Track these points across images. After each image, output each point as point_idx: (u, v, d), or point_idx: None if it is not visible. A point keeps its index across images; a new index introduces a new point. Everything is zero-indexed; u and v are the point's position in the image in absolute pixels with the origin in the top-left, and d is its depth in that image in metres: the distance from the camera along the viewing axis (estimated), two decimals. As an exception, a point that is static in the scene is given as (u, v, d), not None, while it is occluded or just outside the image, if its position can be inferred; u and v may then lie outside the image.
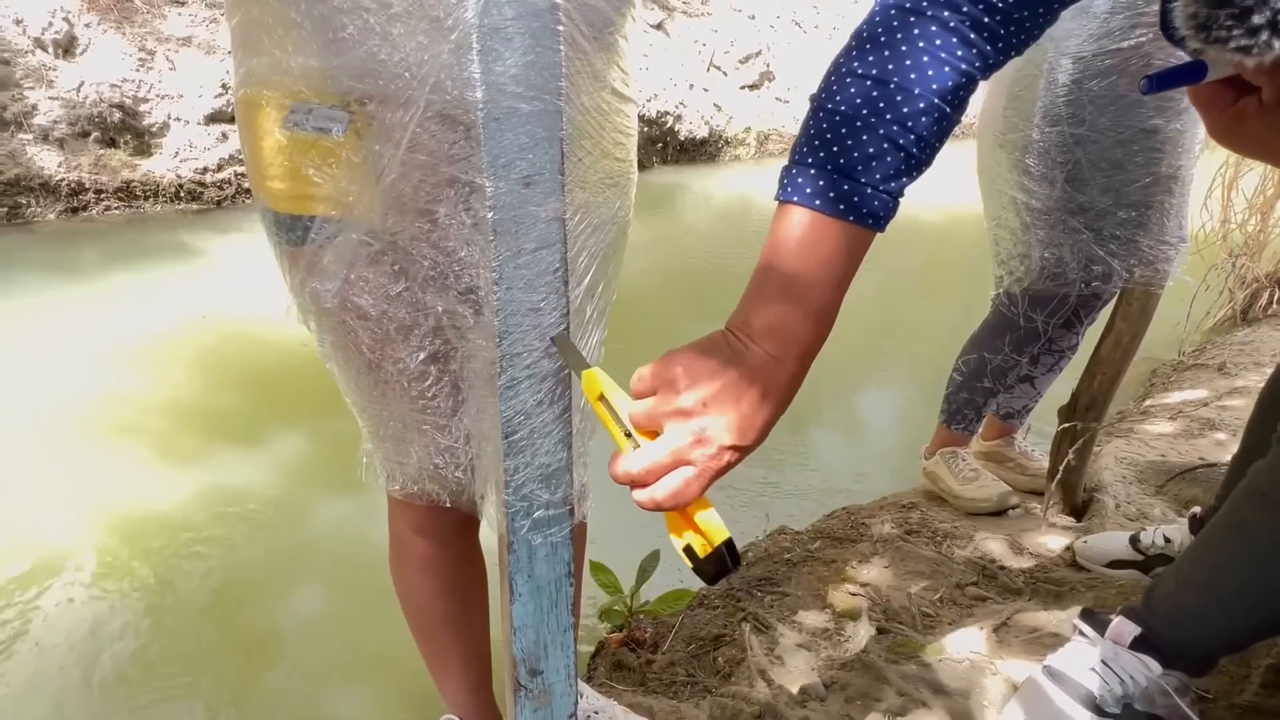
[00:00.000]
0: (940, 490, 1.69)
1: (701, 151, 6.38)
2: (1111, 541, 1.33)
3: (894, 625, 1.22)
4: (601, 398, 0.49)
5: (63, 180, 3.82)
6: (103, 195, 3.94)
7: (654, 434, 0.48)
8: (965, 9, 0.50)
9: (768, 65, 7.07)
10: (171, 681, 1.38)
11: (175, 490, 1.86)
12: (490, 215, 0.50)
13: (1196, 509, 1.24)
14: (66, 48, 4.05)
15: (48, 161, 3.81)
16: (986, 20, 0.50)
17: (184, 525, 1.76)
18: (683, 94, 6.29)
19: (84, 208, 3.89)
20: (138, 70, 4.16)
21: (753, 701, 1.06)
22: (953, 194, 2.00)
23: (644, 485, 0.46)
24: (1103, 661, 0.86)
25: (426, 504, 0.76)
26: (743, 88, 6.86)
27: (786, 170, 0.52)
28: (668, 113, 6.09)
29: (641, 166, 0.79)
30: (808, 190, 0.50)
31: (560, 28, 0.49)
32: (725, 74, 6.80)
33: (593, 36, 0.61)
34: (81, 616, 1.51)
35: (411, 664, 1.05)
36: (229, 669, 1.43)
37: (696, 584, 1.44)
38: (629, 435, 0.48)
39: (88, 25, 4.15)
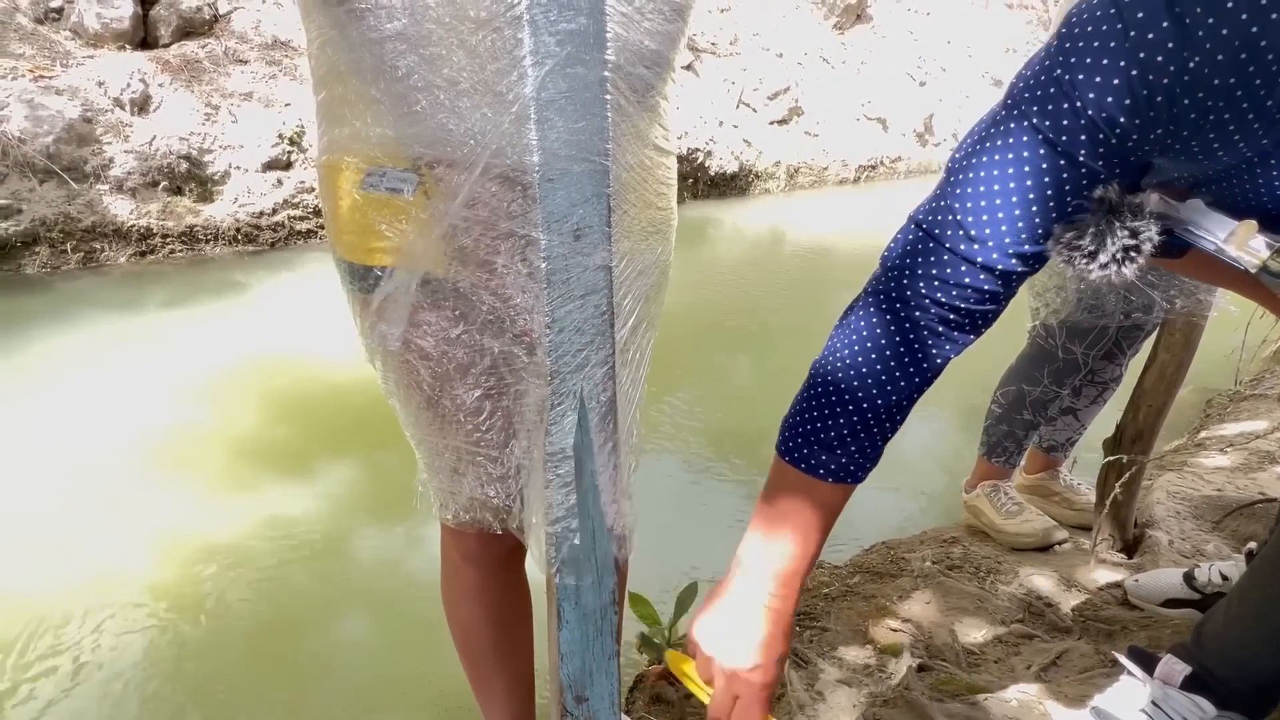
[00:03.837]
0: (983, 525, 1.66)
1: (732, 186, 6.48)
2: (1165, 579, 1.29)
3: (937, 662, 1.20)
4: (683, 670, 0.69)
5: (133, 226, 4.10)
6: (168, 239, 4.20)
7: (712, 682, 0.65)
8: (933, 310, 0.57)
9: (796, 101, 7.18)
10: (219, 704, 1.43)
11: (230, 519, 1.95)
12: (544, 265, 0.55)
13: (1252, 544, 1.20)
14: (142, 105, 4.39)
15: (121, 209, 4.09)
16: (952, 317, 0.58)
17: (238, 553, 1.84)
18: (713, 130, 6.42)
19: (151, 251, 4.15)
20: (204, 124, 4.47)
21: (793, 737, 1.05)
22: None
23: None
24: (1153, 703, 0.84)
25: (477, 532, 0.80)
26: (771, 123, 6.97)
27: (783, 427, 0.63)
28: (698, 149, 6.22)
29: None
30: (796, 455, 0.61)
31: (607, 97, 0.54)
32: (754, 110, 6.93)
33: (636, 101, 0.67)
34: (138, 639, 1.58)
35: (456, 692, 1.07)
36: (276, 692, 1.47)
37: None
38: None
39: (161, 85, 4.49)
